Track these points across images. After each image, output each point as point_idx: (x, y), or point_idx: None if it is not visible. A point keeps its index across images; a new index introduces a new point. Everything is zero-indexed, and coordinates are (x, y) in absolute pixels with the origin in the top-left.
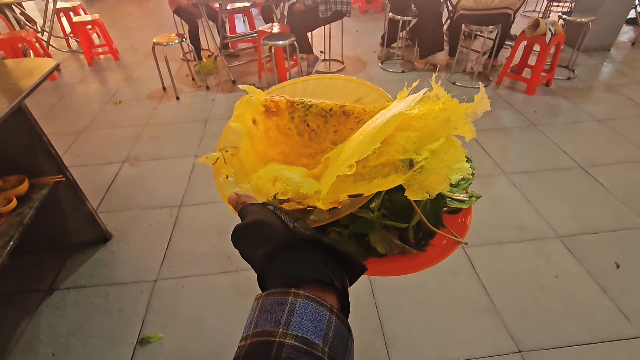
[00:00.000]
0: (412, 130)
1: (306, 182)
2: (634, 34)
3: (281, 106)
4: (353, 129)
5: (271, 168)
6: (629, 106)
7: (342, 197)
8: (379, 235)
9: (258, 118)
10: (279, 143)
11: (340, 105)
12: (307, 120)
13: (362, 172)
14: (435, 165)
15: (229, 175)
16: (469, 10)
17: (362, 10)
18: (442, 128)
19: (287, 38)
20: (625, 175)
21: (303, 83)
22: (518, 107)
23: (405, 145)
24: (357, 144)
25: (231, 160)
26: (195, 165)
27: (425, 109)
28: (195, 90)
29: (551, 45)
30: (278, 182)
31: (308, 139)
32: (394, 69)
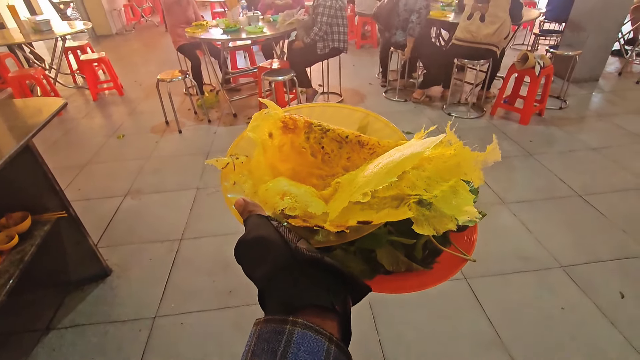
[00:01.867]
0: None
1: (314, 202)
2: (620, 65)
3: (299, 125)
4: (366, 159)
5: (280, 182)
6: (622, 135)
7: (350, 222)
8: (385, 251)
9: (275, 132)
10: (291, 160)
11: (357, 134)
12: (322, 143)
13: (371, 201)
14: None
15: (237, 182)
16: (459, 40)
17: (358, 45)
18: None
19: (286, 73)
20: (624, 203)
21: (309, 109)
22: (513, 137)
23: (415, 182)
24: (372, 174)
25: (240, 167)
26: (197, 197)
27: (437, 152)
28: (197, 123)
29: (541, 77)
30: (286, 197)
31: (321, 160)
32: (397, 99)
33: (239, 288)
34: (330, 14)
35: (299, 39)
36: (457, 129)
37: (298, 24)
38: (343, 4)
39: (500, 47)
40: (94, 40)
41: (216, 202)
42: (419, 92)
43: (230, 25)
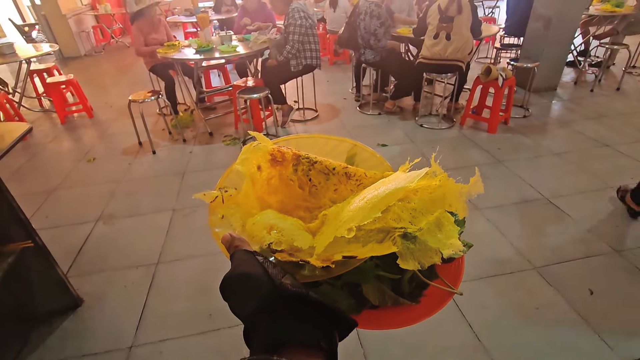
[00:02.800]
0: (409, 201)
1: (301, 236)
2: (575, 75)
3: (287, 157)
4: (353, 190)
5: (268, 215)
6: (581, 140)
7: (336, 256)
8: (372, 286)
9: (263, 165)
10: (279, 192)
11: (344, 166)
12: (309, 175)
13: (357, 234)
14: (428, 238)
15: (224, 215)
16: (426, 59)
17: (331, 62)
18: (437, 203)
19: (261, 91)
20: (587, 203)
21: (296, 140)
22: (483, 146)
23: (401, 214)
24: (357, 208)
25: (229, 201)
26: (173, 219)
27: (423, 183)
28: (172, 143)
29: (504, 88)
30: (273, 231)
31: (308, 192)
32: (371, 112)
33: (219, 311)
34: (301, 32)
35: (272, 58)
36: (429, 139)
37: (271, 43)
38: (313, 23)
39: (465, 61)
40: (62, 62)
41: (193, 223)
42: (390, 103)
43: (203, 45)
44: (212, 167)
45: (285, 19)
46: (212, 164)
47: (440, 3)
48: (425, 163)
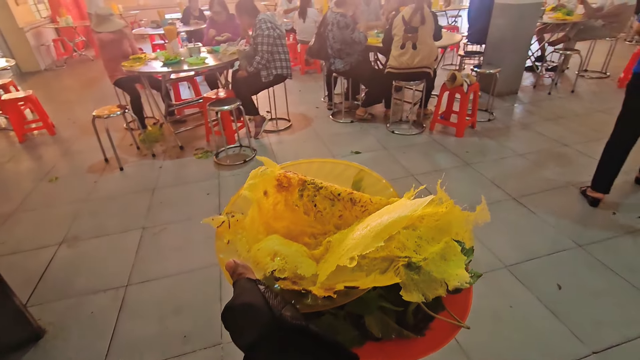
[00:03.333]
0: (414, 228)
1: (305, 263)
2: (534, 79)
3: (293, 183)
4: (358, 217)
5: (272, 241)
6: (542, 140)
7: (338, 286)
8: (375, 317)
9: (269, 190)
10: (284, 218)
11: (349, 192)
12: (315, 201)
13: (361, 262)
14: (433, 268)
15: (230, 241)
16: (394, 69)
17: (302, 71)
18: (443, 232)
19: (232, 103)
20: (550, 201)
21: (307, 165)
22: (452, 149)
23: (406, 242)
24: (361, 237)
25: (235, 226)
26: (143, 237)
27: (428, 211)
28: (140, 159)
29: (469, 93)
30: (277, 258)
31: (313, 218)
32: (343, 120)
33: (193, 331)
34: (269, 42)
35: (242, 69)
36: (401, 145)
37: (240, 54)
38: (282, 33)
39: (432, 67)
40: (20, 77)
41: (165, 241)
42: (362, 110)
43: (170, 58)
44: (184, 181)
45: (253, 30)
46: (184, 178)
47: (404, 14)
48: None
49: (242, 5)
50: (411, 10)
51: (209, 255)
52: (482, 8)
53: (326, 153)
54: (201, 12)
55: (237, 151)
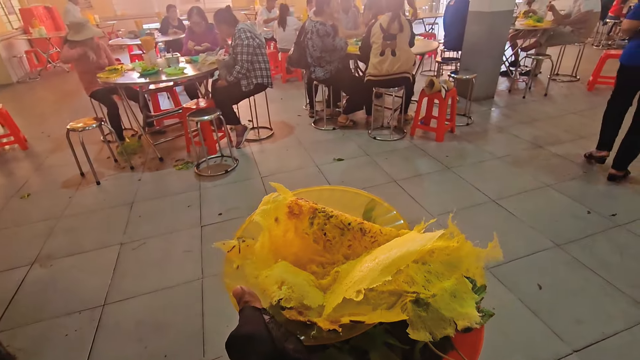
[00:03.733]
0: (424, 262)
1: (311, 293)
2: (509, 83)
3: (304, 210)
4: (367, 247)
5: (280, 268)
6: (518, 143)
7: (344, 319)
8: (380, 353)
9: (281, 217)
10: (294, 245)
11: (360, 222)
12: (325, 229)
13: (368, 295)
14: (442, 305)
15: (240, 266)
16: (374, 76)
17: (284, 80)
18: (453, 267)
19: (212, 113)
20: (528, 202)
21: (318, 192)
22: (432, 154)
23: (414, 276)
24: (368, 269)
25: (245, 251)
26: (121, 254)
27: (439, 244)
28: (118, 172)
29: (447, 99)
30: (284, 287)
31: (322, 247)
32: (325, 127)
33: (174, 351)
34: (249, 51)
35: (222, 78)
36: (383, 151)
37: (219, 64)
38: (261, 42)
39: (411, 72)
40: None
41: (144, 256)
42: (343, 117)
43: (148, 68)
44: (164, 194)
45: (232, 40)
46: (164, 190)
47: (382, 22)
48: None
49: (220, 15)
50: (388, 18)
51: (190, 270)
52: (457, 16)
53: (308, 161)
54: (180, 22)
55: (218, 161)
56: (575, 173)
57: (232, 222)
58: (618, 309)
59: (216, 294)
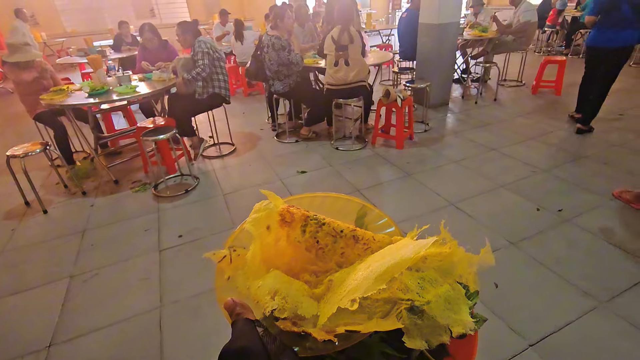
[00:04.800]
0: (417, 269)
1: (305, 303)
2: (461, 90)
3: (296, 218)
4: (360, 255)
5: (273, 277)
6: (473, 146)
7: (339, 329)
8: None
9: (272, 225)
10: (286, 254)
11: (352, 229)
12: (317, 237)
13: (363, 303)
14: (437, 313)
15: (231, 277)
16: (332, 85)
17: (245, 93)
18: (446, 273)
19: (168, 131)
20: (485, 203)
21: (310, 199)
22: (393, 162)
23: (408, 283)
24: (362, 278)
25: (237, 260)
26: (71, 287)
27: (432, 251)
28: (68, 198)
29: (404, 107)
30: (277, 297)
31: (315, 255)
32: (288, 140)
33: None
34: (209, 58)
35: (179, 76)
36: (346, 161)
37: (178, 63)
38: (221, 56)
39: (367, 80)
40: None
41: (97, 288)
42: (305, 129)
43: (97, 88)
44: (119, 218)
45: (192, 51)
46: (119, 215)
47: (333, 34)
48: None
49: (189, 25)
50: (339, 30)
51: (147, 299)
52: (409, 28)
53: (272, 175)
54: (134, 38)
55: (178, 181)
56: (524, 173)
57: (194, 244)
58: (569, 300)
59: (176, 323)
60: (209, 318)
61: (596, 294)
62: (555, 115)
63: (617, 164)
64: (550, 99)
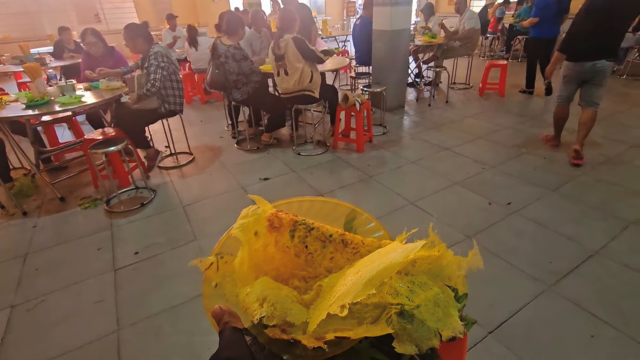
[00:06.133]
0: (407, 273)
1: (294, 309)
2: (416, 93)
3: (284, 222)
4: (349, 259)
5: (262, 284)
6: (428, 147)
7: (328, 335)
8: None
9: (260, 231)
10: (274, 260)
11: (341, 233)
12: (306, 242)
13: (352, 308)
14: (427, 316)
15: (218, 284)
16: (283, 94)
17: (203, 101)
18: (435, 276)
19: (119, 142)
20: (442, 200)
21: (298, 203)
22: (354, 164)
23: (398, 288)
24: (352, 283)
25: (224, 267)
26: (12, 318)
27: (421, 254)
28: (7, 220)
29: (362, 111)
30: (266, 304)
31: (304, 261)
32: (249, 148)
33: None
34: (163, 73)
35: (131, 92)
36: (308, 166)
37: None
38: (177, 68)
39: (313, 89)
40: None
41: (44, 316)
42: (266, 136)
43: (36, 99)
44: (67, 238)
45: (146, 59)
46: (68, 234)
47: (271, 46)
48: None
49: (138, 29)
50: (274, 40)
51: (102, 323)
52: (363, 34)
53: (234, 184)
54: (77, 45)
55: (132, 194)
56: (475, 170)
57: (152, 260)
58: (520, 286)
59: (135, 346)
60: (171, 338)
61: (543, 278)
62: (500, 115)
63: (554, 157)
64: (496, 100)
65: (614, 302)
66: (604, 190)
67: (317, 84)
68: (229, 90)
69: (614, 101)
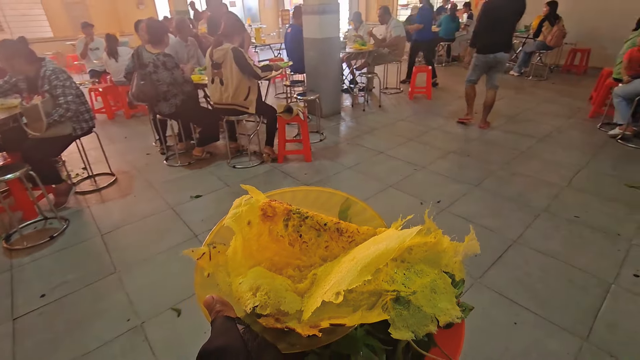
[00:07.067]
0: (402, 260)
1: (288, 298)
2: (351, 99)
3: (278, 212)
4: (344, 248)
5: (255, 273)
6: (364, 151)
7: (323, 323)
8: (362, 357)
9: (253, 220)
10: (268, 249)
11: (336, 221)
12: (300, 231)
13: (347, 296)
14: (423, 302)
15: (211, 274)
16: (216, 103)
17: (127, 115)
18: (431, 263)
19: (19, 168)
20: (378, 204)
21: (292, 193)
22: (292, 174)
23: (394, 275)
24: (347, 270)
25: (217, 257)
26: None
27: (417, 241)
28: None
29: (306, 119)
30: (259, 293)
31: (299, 250)
32: (180, 164)
33: None
34: (71, 92)
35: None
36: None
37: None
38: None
39: (248, 106)
40: None
41: None
42: (198, 150)
43: None
44: None
45: (35, 80)
46: None
47: (209, 51)
48: None
49: (13, 47)
50: (212, 46)
51: None
52: (295, 42)
53: (161, 204)
54: None
55: (40, 226)
56: (408, 171)
57: (63, 302)
58: None
59: None
60: None
61: (470, 271)
62: (427, 117)
63: (476, 155)
64: (424, 103)
65: (531, 288)
66: (519, 182)
67: (252, 102)
68: (156, 102)
69: (524, 100)
